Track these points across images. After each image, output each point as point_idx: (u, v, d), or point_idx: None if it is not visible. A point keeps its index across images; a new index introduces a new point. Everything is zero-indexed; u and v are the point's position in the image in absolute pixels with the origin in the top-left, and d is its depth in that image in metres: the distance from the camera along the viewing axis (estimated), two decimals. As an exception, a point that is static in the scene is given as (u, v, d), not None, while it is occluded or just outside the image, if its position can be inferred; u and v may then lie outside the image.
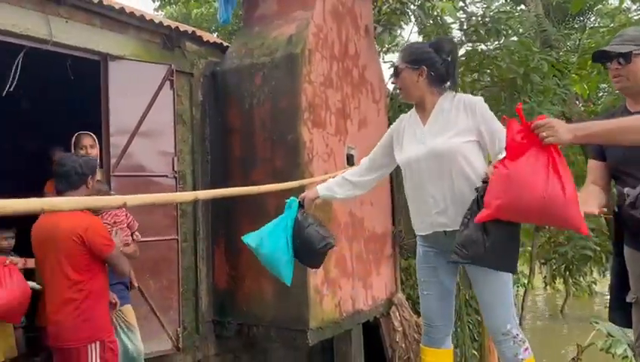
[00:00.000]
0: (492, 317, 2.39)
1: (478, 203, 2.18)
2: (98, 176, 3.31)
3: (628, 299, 2.26)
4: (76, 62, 4.43)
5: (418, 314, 6.47)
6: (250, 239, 2.74)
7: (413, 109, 2.58)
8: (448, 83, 2.50)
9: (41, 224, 2.91)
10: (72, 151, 3.89)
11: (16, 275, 3.19)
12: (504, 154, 2.16)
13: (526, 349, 2.36)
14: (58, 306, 2.80)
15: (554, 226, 2.45)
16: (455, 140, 2.35)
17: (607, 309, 2.72)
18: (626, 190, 2.16)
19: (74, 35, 4.17)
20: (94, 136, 4.05)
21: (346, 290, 5.30)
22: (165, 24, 4.87)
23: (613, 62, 2.27)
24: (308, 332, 4.75)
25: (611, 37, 7.94)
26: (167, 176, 4.76)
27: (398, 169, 2.82)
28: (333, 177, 3.07)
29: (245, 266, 5.13)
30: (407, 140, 2.53)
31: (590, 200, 2.30)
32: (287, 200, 2.83)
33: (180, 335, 4.77)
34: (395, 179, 6.62)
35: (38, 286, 3.90)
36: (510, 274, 2.36)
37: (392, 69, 2.55)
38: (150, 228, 4.42)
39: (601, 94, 10.33)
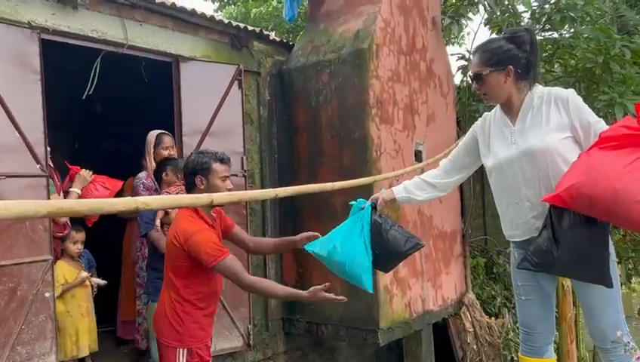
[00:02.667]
0: (599, 323, 2.22)
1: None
2: None
3: None
4: (148, 64, 4.54)
5: (489, 314, 6.27)
6: (318, 247, 2.60)
7: (498, 107, 2.43)
8: (531, 74, 2.34)
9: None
10: (152, 150, 3.97)
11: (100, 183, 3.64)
12: None
13: (638, 357, 2.19)
14: (160, 302, 2.86)
15: (620, 226, 2.24)
16: (549, 138, 2.20)
17: None
18: None
19: (148, 37, 4.26)
20: (172, 136, 4.14)
21: (415, 290, 5.19)
22: (234, 24, 4.90)
23: None
24: (378, 332, 4.68)
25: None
26: (236, 175, 4.79)
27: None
28: (411, 176, 2.95)
29: (313, 264, 5.10)
30: (495, 141, 2.40)
31: None
32: (354, 203, 2.70)
33: (251, 333, 4.81)
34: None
35: (103, 282, 4.04)
36: (617, 274, 2.19)
37: (471, 76, 2.38)
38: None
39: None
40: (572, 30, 6.19)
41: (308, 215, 5.13)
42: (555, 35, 6.50)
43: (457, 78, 6.53)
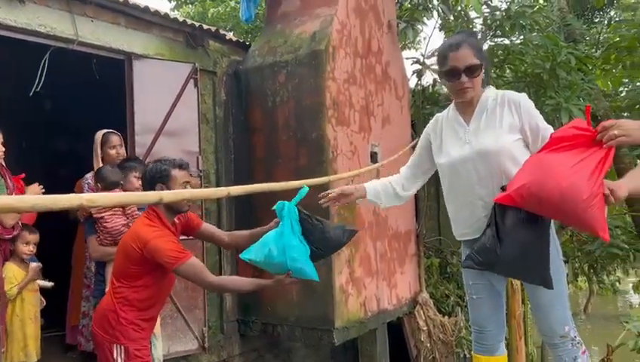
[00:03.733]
0: (548, 319, 2.29)
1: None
2: None
3: None
4: (100, 61, 4.43)
5: (442, 313, 6.41)
6: (254, 254, 2.55)
7: (452, 107, 2.44)
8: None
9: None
10: (99, 150, 3.87)
11: None
12: None
13: (584, 352, 2.28)
14: (102, 300, 2.84)
15: (570, 226, 2.26)
16: (503, 139, 2.24)
17: (632, 308, 2.55)
18: None
19: (99, 34, 4.16)
20: (120, 135, 4.04)
21: (370, 289, 5.25)
22: (189, 23, 4.85)
23: None
24: (334, 331, 4.71)
25: (637, 30, 7.75)
26: (192, 175, 4.73)
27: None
28: (368, 178, 2.97)
29: (269, 265, 5.09)
30: (449, 140, 2.41)
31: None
32: (277, 206, 2.68)
33: (206, 335, 4.75)
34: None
35: (49, 284, 3.91)
36: (564, 273, 2.28)
37: (468, 67, 2.24)
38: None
39: (621, 89, 10.14)
40: (522, 37, 6.43)
41: (265, 216, 5.06)
42: (506, 41, 6.73)
43: (412, 82, 6.65)
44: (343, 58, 5.01)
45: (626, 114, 8.86)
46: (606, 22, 10.69)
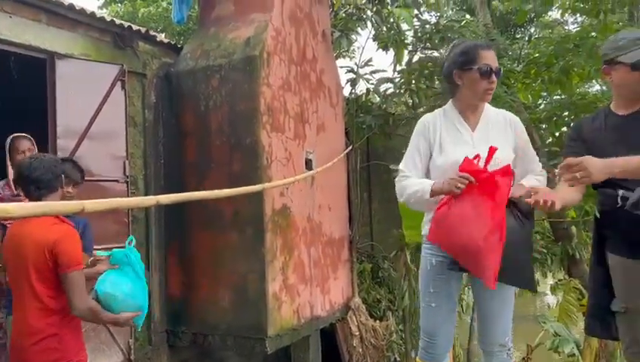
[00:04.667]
0: (494, 327, 2.35)
1: None
2: None
3: (614, 308, 2.21)
4: (20, 60, 4.17)
5: (374, 318, 6.51)
6: (109, 288, 2.50)
7: (449, 110, 2.42)
8: None
9: (11, 234, 2.59)
10: (7, 156, 3.61)
11: None
12: (531, 179, 2.31)
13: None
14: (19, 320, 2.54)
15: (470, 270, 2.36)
16: (509, 154, 2.32)
17: (550, 309, 2.67)
18: (621, 193, 2.10)
19: (18, 31, 3.91)
20: (32, 139, 3.77)
21: (304, 296, 5.25)
22: (117, 22, 4.66)
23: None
24: (266, 339, 4.66)
25: (553, 47, 8.23)
26: (118, 180, 4.55)
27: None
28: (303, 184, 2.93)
29: (200, 274, 4.98)
30: (451, 140, 2.37)
31: (567, 194, 2.23)
32: (112, 252, 2.62)
33: (132, 347, 4.56)
34: (353, 184, 6.66)
35: None
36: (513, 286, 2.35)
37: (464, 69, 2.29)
38: (99, 235, 4.19)
39: (540, 102, 10.78)
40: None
41: (196, 224, 5.00)
42: (436, 53, 6.97)
43: (346, 90, 6.74)
44: (277, 64, 4.99)
45: (544, 125, 9.42)
46: (527, 38, 11.35)
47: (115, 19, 4.89)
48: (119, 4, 11.55)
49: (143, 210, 4.84)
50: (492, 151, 2.19)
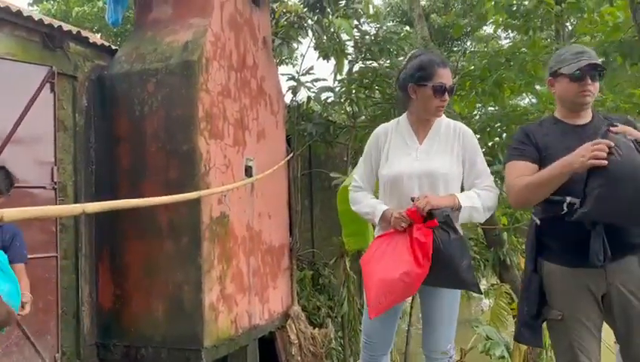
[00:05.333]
0: (438, 334, 2.39)
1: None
2: None
3: (551, 317, 2.24)
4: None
5: (314, 325, 6.51)
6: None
7: (402, 122, 2.45)
8: None
9: None
10: None
11: None
12: (469, 195, 2.35)
13: None
14: None
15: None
16: (451, 166, 2.35)
17: (483, 313, 2.72)
18: (568, 199, 2.12)
19: None
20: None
21: (242, 305, 5.18)
22: (46, 22, 4.45)
23: (586, 79, 2.24)
24: (202, 351, 4.56)
25: (487, 60, 8.58)
26: (45, 187, 4.33)
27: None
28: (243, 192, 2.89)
29: (133, 284, 4.82)
30: (397, 152, 2.41)
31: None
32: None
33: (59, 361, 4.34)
34: (294, 191, 6.65)
35: None
36: (459, 295, 2.40)
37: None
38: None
39: (475, 113, 11.22)
40: (389, 61, 6.82)
41: (130, 232, 4.84)
42: (375, 64, 7.10)
43: (287, 98, 6.74)
44: (217, 70, 4.92)
45: (478, 136, 9.78)
46: (462, 51, 11.78)
47: (44, 18, 4.66)
48: (51, 2, 11.05)
49: (72, 218, 4.63)
50: (413, 210, 2.25)
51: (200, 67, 4.68)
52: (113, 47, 5.31)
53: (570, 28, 9.57)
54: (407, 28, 10.96)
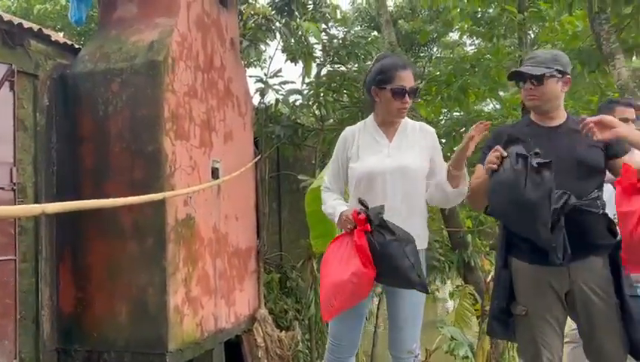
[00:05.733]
0: (403, 335, 2.43)
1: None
2: None
3: (516, 312, 2.32)
4: None
5: (281, 328, 6.50)
6: None
7: (369, 123, 2.50)
8: None
9: None
10: None
11: None
12: (439, 187, 2.38)
13: None
14: None
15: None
16: (421, 162, 2.40)
17: (448, 314, 2.79)
18: None
19: None
20: None
21: (208, 309, 5.13)
22: (6, 19, 4.33)
23: (527, 83, 2.32)
24: (167, 355, 4.50)
25: (452, 66, 8.77)
26: (3, 188, 4.21)
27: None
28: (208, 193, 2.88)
29: (96, 287, 4.72)
30: (367, 150, 2.45)
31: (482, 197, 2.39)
32: None
33: (16, 369, 4.21)
34: (262, 194, 6.63)
35: None
36: (424, 295, 2.43)
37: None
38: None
39: (441, 118, 11.43)
40: (357, 65, 6.89)
41: (92, 233, 4.74)
42: (343, 68, 7.16)
43: (255, 100, 6.73)
44: (183, 70, 4.88)
45: (444, 140, 9.96)
46: (429, 57, 11.98)
47: (3, 14, 4.54)
48: (12, -1, 10.76)
49: (32, 220, 4.50)
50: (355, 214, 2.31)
51: (166, 67, 4.64)
52: (76, 46, 5.21)
53: (532, 36, 9.86)
54: (375, 33, 11.07)
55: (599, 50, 6.32)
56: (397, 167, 2.39)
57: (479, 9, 8.37)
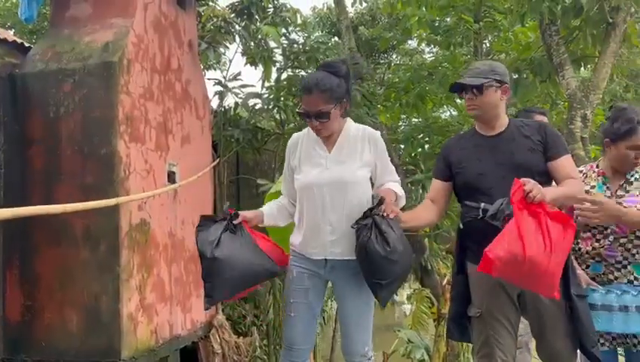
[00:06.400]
0: (354, 339, 2.47)
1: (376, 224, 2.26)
2: None
3: (471, 314, 2.42)
4: None
5: (238, 334, 6.43)
6: None
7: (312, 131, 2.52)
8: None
9: None
10: None
11: None
12: (394, 185, 2.45)
13: None
14: None
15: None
16: (360, 173, 2.42)
17: (406, 317, 2.87)
18: (482, 205, 2.31)
19: None
20: None
21: (163, 315, 5.03)
22: (-51, 13, 4.14)
23: (468, 93, 2.44)
24: (119, 363, 4.38)
25: (411, 73, 8.93)
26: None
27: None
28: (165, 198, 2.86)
29: (45, 295, 4.55)
30: (307, 162, 2.50)
31: (422, 214, 2.55)
32: None
33: (-43, 382, 4.01)
34: (221, 198, 6.55)
35: None
36: (372, 299, 2.46)
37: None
38: None
39: (400, 124, 11.61)
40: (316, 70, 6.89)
41: (41, 240, 4.58)
42: (303, 72, 7.17)
43: (214, 103, 6.66)
44: (139, 72, 4.79)
45: (402, 146, 10.12)
46: (388, 64, 12.16)
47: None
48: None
49: (-25, 225, 4.31)
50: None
51: (121, 68, 4.53)
52: (27, 45, 5.03)
53: (487, 45, 10.15)
54: (336, 38, 11.16)
55: (550, 60, 6.57)
56: (335, 179, 2.44)
57: (437, 18, 8.56)
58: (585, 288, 2.51)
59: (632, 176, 2.70)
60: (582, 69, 7.92)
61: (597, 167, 2.82)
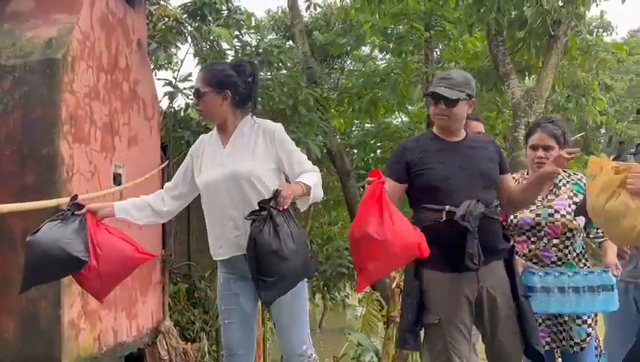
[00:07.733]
0: (289, 339, 2.44)
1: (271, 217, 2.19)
2: None
3: (429, 321, 2.38)
4: None
5: (186, 340, 6.30)
6: None
7: (215, 130, 2.55)
8: (249, 104, 2.53)
9: None
10: None
11: None
12: (305, 176, 2.37)
13: None
14: None
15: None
16: (254, 165, 2.38)
17: (357, 320, 2.85)
18: (447, 208, 2.32)
19: None
20: None
21: (107, 322, 4.87)
22: None
23: (440, 103, 2.42)
24: (59, 371, 4.20)
25: (364, 79, 9.03)
26: None
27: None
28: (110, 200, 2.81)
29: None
30: (206, 162, 2.49)
31: None
32: None
33: None
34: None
35: None
36: (306, 295, 2.44)
37: (194, 91, 2.50)
38: None
39: (353, 128, 11.74)
40: (269, 73, 6.90)
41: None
42: (256, 75, 7.14)
43: (164, 104, 6.52)
44: (84, 70, 4.64)
45: (355, 150, 10.22)
46: (342, 69, 12.27)
47: None
48: None
49: None
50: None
51: (65, 66, 4.38)
52: (-38, 38, 4.78)
53: (438, 53, 10.41)
54: (290, 42, 11.17)
55: (496, 70, 6.81)
56: (229, 174, 2.42)
57: (389, 25, 8.72)
58: (523, 270, 2.62)
59: (560, 180, 2.87)
60: (526, 78, 8.26)
61: (527, 173, 2.98)
